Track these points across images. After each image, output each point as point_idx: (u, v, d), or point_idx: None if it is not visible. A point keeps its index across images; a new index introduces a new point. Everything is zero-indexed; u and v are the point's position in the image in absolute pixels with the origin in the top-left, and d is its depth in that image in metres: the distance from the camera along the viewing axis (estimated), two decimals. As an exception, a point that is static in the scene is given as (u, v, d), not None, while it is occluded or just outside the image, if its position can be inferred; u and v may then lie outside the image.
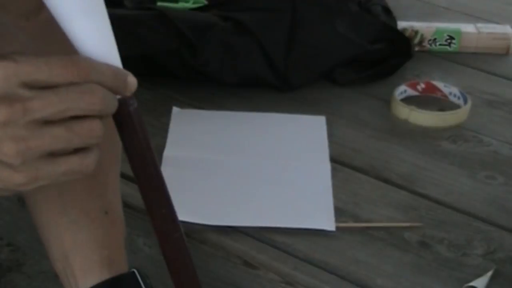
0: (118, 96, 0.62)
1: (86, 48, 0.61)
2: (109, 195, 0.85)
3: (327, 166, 1.19)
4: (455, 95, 1.38)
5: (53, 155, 0.59)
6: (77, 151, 0.60)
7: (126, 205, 1.05)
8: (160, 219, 0.69)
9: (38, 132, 0.57)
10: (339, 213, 1.09)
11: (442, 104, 1.37)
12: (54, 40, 0.79)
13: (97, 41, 0.61)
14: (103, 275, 0.81)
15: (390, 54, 1.45)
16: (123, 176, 0.89)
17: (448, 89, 1.39)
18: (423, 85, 1.40)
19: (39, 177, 0.59)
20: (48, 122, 0.58)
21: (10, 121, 0.56)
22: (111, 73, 0.61)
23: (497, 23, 1.62)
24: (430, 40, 1.55)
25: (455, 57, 1.54)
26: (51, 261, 0.85)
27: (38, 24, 0.80)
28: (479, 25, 1.58)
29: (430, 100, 1.38)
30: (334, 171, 1.18)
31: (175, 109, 1.30)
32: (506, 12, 1.73)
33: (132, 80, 0.62)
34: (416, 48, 1.52)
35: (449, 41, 1.55)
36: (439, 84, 1.40)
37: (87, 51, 0.61)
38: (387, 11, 1.52)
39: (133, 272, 0.82)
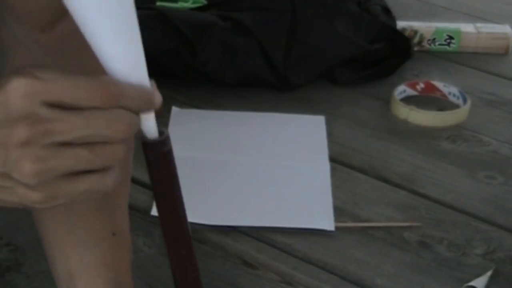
0: (154, 135, 0.60)
1: (116, 69, 0.58)
2: (118, 217, 0.84)
3: (326, 166, 1.19)
4: (454, 95, 1.38)
5: (73, 173, 0.57)
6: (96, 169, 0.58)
7: (126, 205, 1.05)
8: (179, 259, 0.69)
9: (58, 153, 0.55)
10: (339, 212, 1.09)
11: (441, 104, 1.37)
12: (69, 54, 0.78)
13: (128, 62, 0.58)
14: None
15: (389, 54, 1.45)
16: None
17: (448, 89, 1.39)
18: (422, 85, 1.40)
19: (58, 196, 0.57)
20: (70, 143, 0.56)
21: (30, 142, 0.54)
22: (138, 96, 0.58)
23: (497, 23, 1.62)
24: (429, 40, 1.55)
25: (455, 57, 1.54)
26: (55, 279, 0.84)
27: (53, 37, 0.79)
28: (479, 25, 1.58)
29: (430, 100, 1.38)
30: (333, 170, 1.18)
31: (174, 109, 1.30)
32: (505, 12, 1.73)
33: (157, 99, 0.60)
34: (416, 48, 1.52)
35: (448, 41, 1.55)
36: (439, 84, 1.40)
37: (116, 71, 0.58)
38: (387, 10, 1.52)
39: None
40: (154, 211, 1.06)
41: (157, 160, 0.62)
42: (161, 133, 0.62)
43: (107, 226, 0.82)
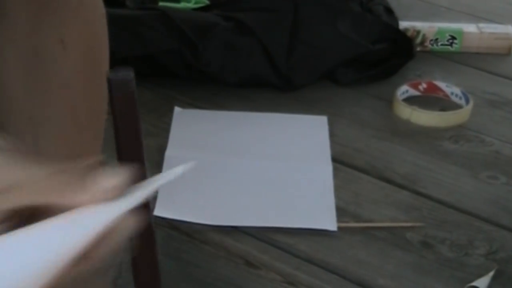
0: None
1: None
2: None
3: (328, 166, 1.19)
4: (457, 95, 1.38)
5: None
6: None
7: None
8: None
9: None
10: (341, 213, 1.09)
11: (444, 104, 1.37)
12: (48, 4, 0.79)
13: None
14: None
15: (391, 54, 1.45)
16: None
17: (450, 89, 1.39)
18: (425, 85, 1.40)
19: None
20: None
21: None
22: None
23: (499, 23, 1.62)
24: (432, 40, 1.54)
25: (457, 57, 1.54)
26: None
27: (36, 5, 0.80)
28: (481, 25, 1.58)
29: (432, 100, 1.38)
30: (335, 171, 1.18)
31: (176, 109, 1.30)
32: (508, 12, 1.73)
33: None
34: (418, 48, 1.52)
35: (451, 41, 1.55)
36: (441, 84, 1.40)
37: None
38: (389, 11, 1.51)
39: None
40: (156, 212, 1.06)
41: (122, 98, 0.61)
42: (126, 71, 0.61)
43: None
